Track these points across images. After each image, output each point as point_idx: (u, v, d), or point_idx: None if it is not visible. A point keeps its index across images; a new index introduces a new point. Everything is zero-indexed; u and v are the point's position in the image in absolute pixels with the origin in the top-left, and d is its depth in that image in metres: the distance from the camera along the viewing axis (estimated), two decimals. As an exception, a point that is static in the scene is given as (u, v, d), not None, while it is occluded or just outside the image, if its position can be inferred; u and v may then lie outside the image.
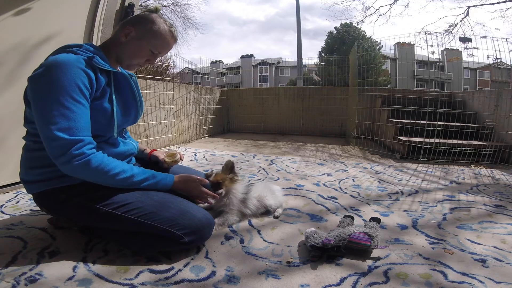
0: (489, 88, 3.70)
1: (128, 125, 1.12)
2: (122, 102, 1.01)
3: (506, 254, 0.99)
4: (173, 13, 12.16)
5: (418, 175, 2.09)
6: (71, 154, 0.81)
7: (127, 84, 1.03)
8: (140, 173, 0.96)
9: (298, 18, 7.44)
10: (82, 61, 0.87)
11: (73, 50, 0.91)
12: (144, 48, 1.00)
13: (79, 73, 0.84)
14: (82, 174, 0.87)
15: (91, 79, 0.87)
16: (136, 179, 0.94)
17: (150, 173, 0.99)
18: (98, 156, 0.87)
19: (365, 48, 11.29)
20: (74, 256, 0.94)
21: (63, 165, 0.83)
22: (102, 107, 0.92)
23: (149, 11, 1.03)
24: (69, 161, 0.82)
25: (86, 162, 0.83)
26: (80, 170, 0.84)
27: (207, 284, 0.82)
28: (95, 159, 0.85)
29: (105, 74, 0.94)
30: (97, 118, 0.92)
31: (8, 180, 1.66)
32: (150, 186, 0.99)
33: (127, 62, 1.03)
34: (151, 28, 0.99)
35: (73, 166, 0.82)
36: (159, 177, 1.01)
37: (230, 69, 28.94)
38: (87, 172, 0.85)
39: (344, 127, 4.26)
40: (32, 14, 1.62)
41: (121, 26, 1.01)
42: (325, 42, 21.99)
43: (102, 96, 0.93)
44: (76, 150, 0.82)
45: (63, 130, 0.80)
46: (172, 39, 1.04)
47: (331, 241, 0.94)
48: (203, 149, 3.18)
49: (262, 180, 1.92)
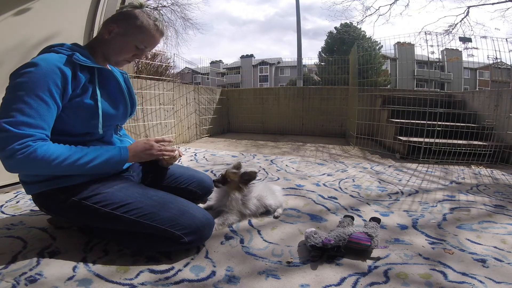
0: (489, 88, 3.69)
1: (119, 121, 1.10)
2: (109, 98, 1.00)
3: (506, 254, 0.99)
4: (173, 13, 12.16)
5: (418, 175, 2.09)
6: (13, 149, 0.76)
7: (112, 79, 1.02)
8: (89, 152, 0.89)
9: (298, 18, 7.43)
10: (61, 59, 0.87)
11: (55, 49, 0.91)
12: (129, 44, 1.00)
13: (53, 72, 0.83)
14: (27, 168, 0.82)
15: (65, 77, 0.86)
16: (83, 160, 0.87)
17: (102, 149, 0.92)
18: (43, 147, 0.80)
19: (365, 48, 11.28)
20: (74, 256, 0.94)
21: (6, 160, 0.78)
22: (84, 104, 0.91)
23: (133, 7, 1.02)
24: (12, 155, 0.76)
25: (30, 154, 0.78)
26: (24, 164, 0.79)
27: (207, 284, 0.82)
28: (40, 150, 0.79)
29: (87, 71, 0.94)
30: (81, 115, 0.91)
31: (8, 180, 1.66)
32: (104, 165, 0.91)
33: (114, 59, 1.03)
34: (134, 23, 0.98)
35: (15, 161, 0.77)
36: (112, 151, 0.93)
37: (230, 69, 28.90)
38: (32, 164, 0.79)
39: (344, 127, 4.26)
40: (32, 14, 1.62)
41: (104, 24, 1.01)
42: (325, 42, 22.00)
43: (83, 92, 0.91)
44: (20, 144, 0.77)
45: (12, 123, 0.77)
46: (157, 33, 1.03)
47: (331, 241, 0.94)
48: (203, 149, 3.18)
49: (262, 180, 1.92)
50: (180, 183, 1.29)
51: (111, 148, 0.95)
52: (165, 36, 1.10)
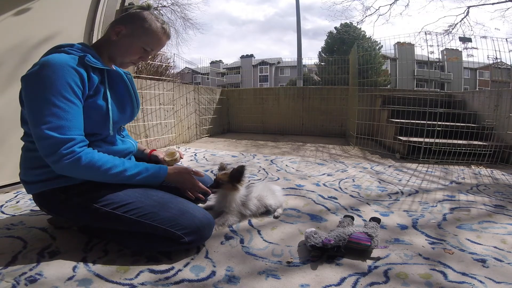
0: (489, 88, 3.69)
1: (124, 122, 1.11)
2: (117, 100, 1.01)
3: (506, 254, 0.99)
4: (173, 13, 12.17)
5: (418, 175, 2.09)
6: (61, 153, 0.80)
7: (121, 81, 1.03)
8: (132, 167, 0.95)
9: (298, 18, 7.43)
10: (74, 60, 0.87)
11: (65, 49, 0.91)
12: (136, 46, 1.00)
13: (71, 72, 0.84)
14: (73, 172, 0.86)
15: (83, 77, 0.87)
16: (128, 173, 0.93)
17: (143, 167, 0.98)
18: (88, 153, 0.85)
19: (365, 48, 11.29)
20: (74, 256, 0.94)
21: (54, 164, 0.82)
22: (96, 105, 0.92)
23: (141, 9, 1.02)
24: (60, 160, 0.81)
25: (76, 159, 0.82)
26: (70, 168, 0.83)
27: (207, 284, 0.82)
28: (85, 157, 0.84)
29: (98, 72, 0.94)
30: (92, 116, 0.92)
31: (8, 180, 1.66)
32: (145, 179, 0.97)
33: (120, 60, 1.03)
34: (142, 25, 0.98)
35: (63, 165, 0.82)
36: (152, 169, 1.00)
37: (230, 69, 28.91)
38: (78, 170, 0.84)
39: (344, 127, 4.26)
40: (32, 14, 1.62)
41: (112, 25, 1.01)
42: (325, 42, 22.02)
43: (95, 94, 0.92)
44: (66, 149, 0.81)
45: (53, 129, 0.80)
46: (164, 36, 1.03)
47: (331, 241, 0.94)
48: (203, 149, 3.18)
49: (262, 180, 1.92)
50: (180, 183, 1.29)
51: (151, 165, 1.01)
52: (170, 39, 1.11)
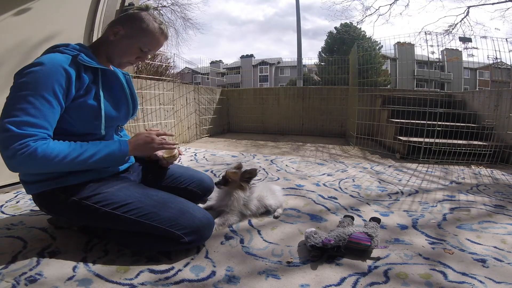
0: (489, 88, 3.69)
1: (120, 122, 1.10)
2: (111, 99, 1.00)
3: (506, 254, 0.99)
4: (173, 13, 12.16)
5: (418, 175, 2.09)
6: (14, 148, 0.77)
7: (116, 81, 1.03)
8: (89, 148, 0.89)
9: (298, 18, 7.43)
10: (66, 59, 0.87)
11: (60, 49, 0.91)
12: (134, 46, 1.00)
13: (58, 73, 0.83)
14: (29, 167, 0.83)
15: (70, 77, 0.86)
16: (84, 155, 0.87)
17: (102, 144, 0.92)
18: (43, 145, 0.81)
19: (365, 48, 11.30)
20: (74, 256, 0.94)
21: (9, 159, 0.78)
22: (86, 105, 0.91)
23: (139, 9, 1.02)
24: (13, 155, 0.77)
25: (31, 153, 0.78)
26: (26, 163, 0.79)
27: (207, 284, 0.82)
28: (40, 149, 0.79)
29: (91, 72, 0.94)
30: (83, 116, 0.92)
31: (8, 180, 1.66)
32: (105, 159, 0.91)
33: (118, 61, 1.03)
34: (140, 26, 0.98)
35: (18, 160, 0.78)
36: (112, 146, 0.93)
37: (230, 69, 28.91)
38: (34, 163, 0.80)
39: (344, 127, 4.26)
40: (32, 14, 1.62)
41: (110, 25, 1.01)
42: (325, 42, 22.00)
43: (86, 93, 0.92)
44: (20, 144, 0.77)
45: (15, 123, 0.78)
46: (162, 36, 1.03)
47: (331, 241, 0.94)
48: (203, 149, 3.18)
49: (262, 180, 1.92)
50: (180, 183, 1.29)
51: (110, 142, 0.95)
52: (168, 39, 1.10)
